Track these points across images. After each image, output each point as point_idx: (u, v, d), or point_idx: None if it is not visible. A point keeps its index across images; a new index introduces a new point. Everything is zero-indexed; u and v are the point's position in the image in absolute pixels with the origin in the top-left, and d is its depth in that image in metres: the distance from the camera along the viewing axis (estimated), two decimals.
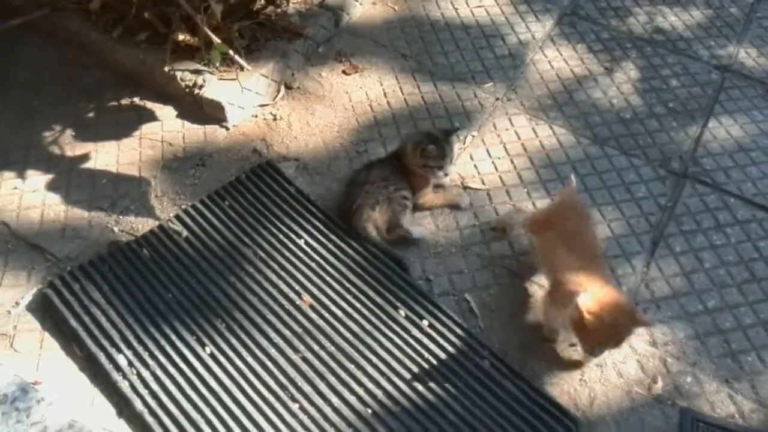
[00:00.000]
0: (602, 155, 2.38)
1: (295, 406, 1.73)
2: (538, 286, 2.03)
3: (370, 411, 1.74)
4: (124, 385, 1.72)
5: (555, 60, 2.70)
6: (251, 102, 2.41)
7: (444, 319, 1.93)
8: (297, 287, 1.96)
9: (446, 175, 2.12)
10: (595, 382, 1.85)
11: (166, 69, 2.34)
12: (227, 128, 2.31)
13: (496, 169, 2.32)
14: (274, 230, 2.08)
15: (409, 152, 2.10)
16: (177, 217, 2.08)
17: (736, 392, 1.85)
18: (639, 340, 1.93)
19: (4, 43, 2.53)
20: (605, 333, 1.67)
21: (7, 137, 2.30)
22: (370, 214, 2.06)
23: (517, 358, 1.88)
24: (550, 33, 2.82)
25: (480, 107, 2.50)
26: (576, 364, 1.88)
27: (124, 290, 1.89)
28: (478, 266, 2.08)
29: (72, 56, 2.55)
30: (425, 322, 1.92)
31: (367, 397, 1.76)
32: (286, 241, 2.06)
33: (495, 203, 2.23)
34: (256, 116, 2.42)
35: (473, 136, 2.41)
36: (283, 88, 2.49)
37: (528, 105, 2.53)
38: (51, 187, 2.17)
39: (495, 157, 2.35)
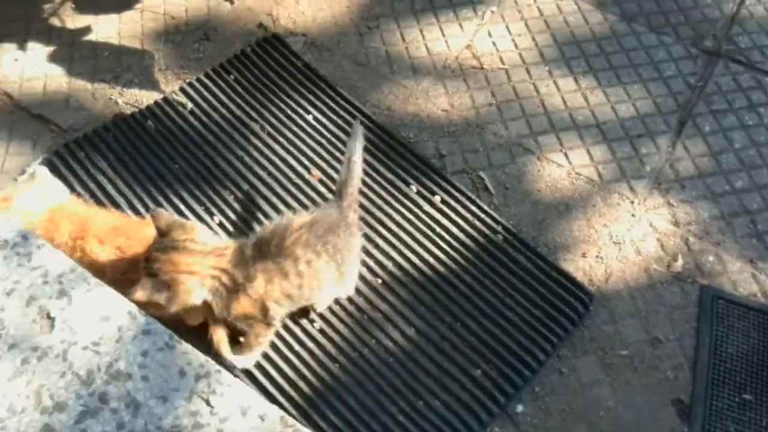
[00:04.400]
0: (630, 32, 2.23)
1: None
2: (557, 165, 1.95)
3: (379, 281, 1.72)
4: None
5: None
6: None
7: (457, 194, 1.87)
8: (306, 162, 1.90)
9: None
10: (611, 259, 1.80)
11: None
12: (231, 2, 2.19)
13: (516, 46, 2.19)
14: (282, 105, 2.00)
15: None
16: (181, 89, 2.00)
17: (760, 272, 1.79)
18: (660, 219, 1.86)
19: None
20: None
21: (6, 9, 2.21)
22: None
23: (532, 234, 1.83)
24: None
25: None
26: None
27: (130, 160, 1.85)
28: (494, 145, 1.99)
29: None
30: (437, 198, 1.86)
31: (376, 268, 1.74)
32: (294, 116, 1.98)
33: (514, 81, 2.11)
34: None
35: (492, 12, 2.27)
36: None
37: None
38: (52, 58, 2.09)
39: (515, 34, 2.21)
